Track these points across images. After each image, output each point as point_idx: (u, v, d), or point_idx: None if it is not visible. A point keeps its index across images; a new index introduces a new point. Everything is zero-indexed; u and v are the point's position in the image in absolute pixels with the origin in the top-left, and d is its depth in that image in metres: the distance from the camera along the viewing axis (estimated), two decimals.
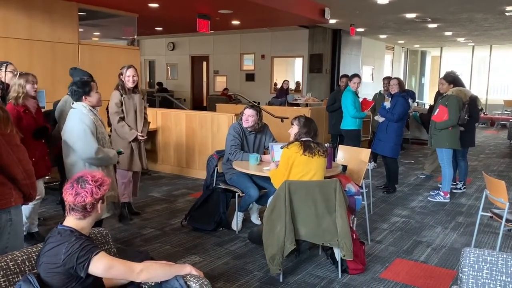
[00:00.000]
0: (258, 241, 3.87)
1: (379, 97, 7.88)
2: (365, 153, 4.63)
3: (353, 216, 3.97)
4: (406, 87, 7.04)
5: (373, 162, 7.39)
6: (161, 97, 13.28)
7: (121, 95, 4.55)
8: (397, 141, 5.83)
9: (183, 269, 2.09)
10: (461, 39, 15.58)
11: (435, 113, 5.50)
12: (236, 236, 4.32)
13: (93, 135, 3.40)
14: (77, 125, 3.40)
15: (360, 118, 6.41)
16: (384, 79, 8.06)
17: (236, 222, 4.44)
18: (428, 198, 5.77)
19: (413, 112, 9.48)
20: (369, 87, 14.53)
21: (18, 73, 3.89)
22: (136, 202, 5.15)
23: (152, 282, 2.09)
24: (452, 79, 5.61)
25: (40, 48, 6.38)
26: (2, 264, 1.92)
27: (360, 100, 6.54)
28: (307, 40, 13.61)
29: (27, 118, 3.73)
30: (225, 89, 14.89)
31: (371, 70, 16.36)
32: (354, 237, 3.48)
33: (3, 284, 1.89)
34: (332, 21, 10.53)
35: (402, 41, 17.18)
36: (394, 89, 5.80)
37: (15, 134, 2.27)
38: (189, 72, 16.80)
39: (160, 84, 16.10)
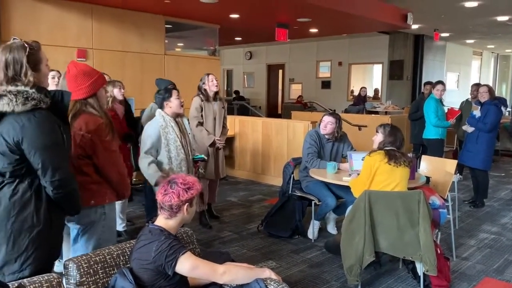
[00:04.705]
0: (335, 251, 3.81)
1: (466, 105, 7.41)
2: (451, 164, 4.39)
3: (436, 230, 3.78)
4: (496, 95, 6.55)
5: (458, 174, 6.95)
6: (238, 105, 13.65)
7: (202, 101, 4.67)
8: (488, 152, 5.46)
9: (263, 273, 2.13)
10: None
11: None
12: (312, 245, 4.29)
13: (144, 144, 3.54)
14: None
15: (443, 128, 6.09)
16: (472, 86, 7.58)
17: (312, 231, 4.41)
18: None
19: (505, 122, 8.77)
20: (454, 94, 13.71)
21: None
22: (215, 206, 5.32)
23: (233, 284, 2.15)
24: None
25: (130, 59, 6.87)
26: (101, 257, 2.10)
27: (446, 109, 6.20)
28: (387, 46, 13.19)
29: (115, 122, 4.02)
30: (300, 96, 14.89)
31: (457, 77, 15.43)
32: (439, 252, 3.31)
33: (101, 275, 2.06)
34: (414, 26, 10.11)
35: (491, 46, 16.01)
36: (485, 96, 5.44)
37: (112, 140, 2.48)
38: (265, 80, 17.05)
39: (237, 92, 16.54)
